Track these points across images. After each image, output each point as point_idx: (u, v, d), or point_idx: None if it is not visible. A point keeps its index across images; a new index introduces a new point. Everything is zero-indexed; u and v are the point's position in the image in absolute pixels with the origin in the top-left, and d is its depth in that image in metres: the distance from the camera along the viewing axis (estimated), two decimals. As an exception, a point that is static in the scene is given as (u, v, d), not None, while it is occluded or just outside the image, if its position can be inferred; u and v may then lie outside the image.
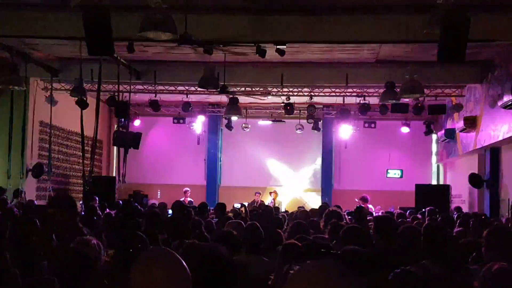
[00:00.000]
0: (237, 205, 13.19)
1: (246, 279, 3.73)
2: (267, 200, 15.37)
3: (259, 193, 15.65)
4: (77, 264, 3.37)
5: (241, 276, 3.11)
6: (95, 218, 7.45)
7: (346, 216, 8.29)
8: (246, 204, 13.18)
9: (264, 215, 8.44)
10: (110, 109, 16.48)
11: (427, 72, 11.55)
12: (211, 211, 10.08)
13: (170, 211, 9.95)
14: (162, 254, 2.20)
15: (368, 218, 8.13)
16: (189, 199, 14.46)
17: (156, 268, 2.07)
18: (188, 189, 15.49)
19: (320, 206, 10.43)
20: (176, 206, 8.50)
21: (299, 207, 11.50)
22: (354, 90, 13.79)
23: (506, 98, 10.02)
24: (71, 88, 12.98)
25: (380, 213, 11.98)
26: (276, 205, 14.36)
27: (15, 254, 3.64)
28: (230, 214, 9.37)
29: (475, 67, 12.08)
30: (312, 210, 9.39)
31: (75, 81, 12.16)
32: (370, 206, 13.10)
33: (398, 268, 2.90)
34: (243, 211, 10.79)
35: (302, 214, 8.05)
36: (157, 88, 14.09)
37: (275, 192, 15.59)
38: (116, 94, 12.87)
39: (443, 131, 15.57)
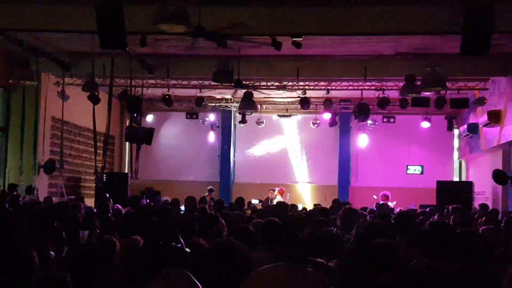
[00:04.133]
0: (255, 201, 13.20)
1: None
2: (276, 198, 15.32)
3: (274, 190, 15.60)
4: (90, 259, 3.42)
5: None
6: (108, 214, 7.52)
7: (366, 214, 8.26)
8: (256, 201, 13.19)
9: (278, 213, 8.44)
10: (122, 104, 16.58)
11: (449, 64, 11.42)
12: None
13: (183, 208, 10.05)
14: (177, 278, 2.22)
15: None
16: (212, 197, 14.14)
17: None
18: (212, 187, 14.87)
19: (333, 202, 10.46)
20: (189, 202, 8.55)
21: (315, 205, 11.48)
22: (373, 83, 13.69)
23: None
24: (83, 83, 13.08)
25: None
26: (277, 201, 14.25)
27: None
28: (248, 211, 9.40)
29: (499, 59, 11.92)
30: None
31: (87, 75, 12.25)
32: (390, 204, 13.04)
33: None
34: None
35: (320, 212, 8.07)
36: (170, 82, 14.12)
37: (281, 189, 15.42)
38: (129, 88, 12.92)
39: (465, 126, 15.41)
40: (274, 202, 13.73)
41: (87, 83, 12.53)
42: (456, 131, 17.50)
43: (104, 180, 12.41)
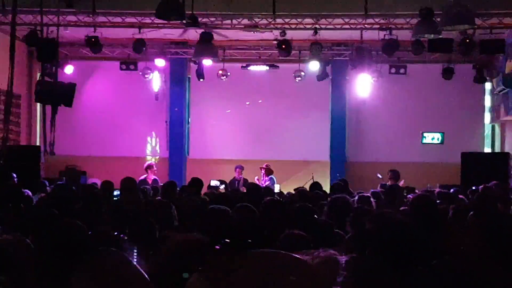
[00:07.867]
0: (215, 183, 13.28)
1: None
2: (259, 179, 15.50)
3: (241, 168, 15.73)
4: None
5: None
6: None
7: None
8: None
9: (252, 198, 8.55)
10: (31, 50, 16.33)
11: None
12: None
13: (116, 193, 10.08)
14: (111, 259, 2.24)
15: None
16: (153, 177, 14.56)
17: (104, 277, 2.14)
18: (152, 163, 15.62)
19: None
20: (126, 185, 8.55)
21: (296, 189, 11.58)
22: (377, 21, 13.78)
23: None
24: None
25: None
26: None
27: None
28: (205, 197, 9.46)
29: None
30: None
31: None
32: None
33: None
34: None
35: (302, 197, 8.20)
36: (97, 19, 13.98)
37: (267, 166, 15.66)
38: (39, 28, 12.73)
39: (500, 78, 15.65)
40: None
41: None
42: (487, 85, 17.75)
43: (6, 155, 12.28)
